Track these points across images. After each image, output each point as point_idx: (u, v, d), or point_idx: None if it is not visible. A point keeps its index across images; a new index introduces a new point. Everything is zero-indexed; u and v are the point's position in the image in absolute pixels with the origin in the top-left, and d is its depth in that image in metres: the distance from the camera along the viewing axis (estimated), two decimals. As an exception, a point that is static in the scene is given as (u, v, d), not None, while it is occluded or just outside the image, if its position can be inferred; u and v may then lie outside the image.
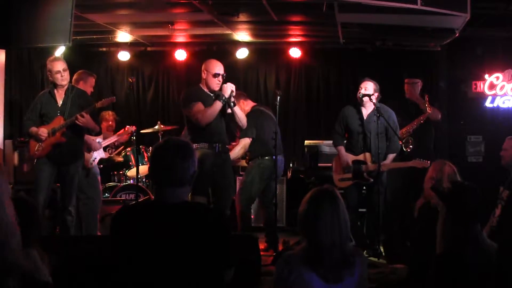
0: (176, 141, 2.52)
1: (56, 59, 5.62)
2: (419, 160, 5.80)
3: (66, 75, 5.54)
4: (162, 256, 2.32)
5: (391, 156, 5.97)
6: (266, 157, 6.12)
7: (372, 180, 5.84)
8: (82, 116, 5.38)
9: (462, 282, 2.69)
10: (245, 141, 6.25)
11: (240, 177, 7.21)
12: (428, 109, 6.52)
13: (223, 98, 5.35)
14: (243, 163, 6.85)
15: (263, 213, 6.57)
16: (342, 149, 6.02)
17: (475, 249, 2.72)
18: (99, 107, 5.75)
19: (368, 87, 5.86)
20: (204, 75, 5.55)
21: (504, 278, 2.43)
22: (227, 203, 5.67)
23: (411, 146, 6.26)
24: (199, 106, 5.41)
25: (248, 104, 6.47)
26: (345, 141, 6.13)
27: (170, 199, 2.43)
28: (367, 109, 5.95)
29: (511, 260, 2.40)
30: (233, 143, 6.52)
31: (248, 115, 6.28)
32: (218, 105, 5.36)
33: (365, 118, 5.95)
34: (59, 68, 5.47)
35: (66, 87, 5.55)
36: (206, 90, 5.56)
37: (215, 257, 2.36)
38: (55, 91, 5.56)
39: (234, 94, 5.45)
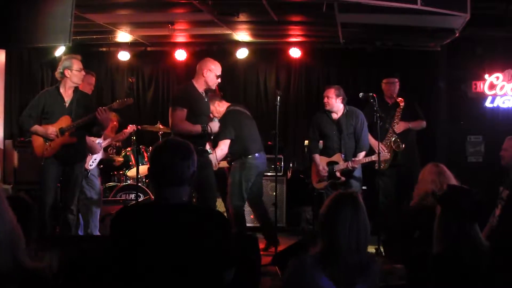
0: (175, 141, 2.53)
1: (75, 57, 5.59)
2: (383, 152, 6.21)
3: (83, 72, 5.60)
4: (162, 256, 2.32)
5: (361, 154, 6.25)
6: (249, 156, 6.15)
7: (344, 178, 6.19)
8: (104, 111, 5.40)
9: (460, 282, 2.69)
10: (225, 143, 6.24)
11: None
12: (399, 102, 6.75)
13: (207, 131, 5.45)
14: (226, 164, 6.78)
15: (253, 212, 6.57)
16: (316, 157, 6.38)
17: (471, 249, 2.73)
18: (114, 108, 5.75)
19: (330, 95, 6.27)
20: (204, 73, 5.54)
21: (496, 277, 2.43)
22: (213, 202, 5.78)
23: (403, 146, 6.42)
24: (183, 114, 5.43)
25: (223, 105, 6.40)
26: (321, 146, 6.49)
27: (170, 199, 2.43)
28: (337, 113, 6.32)
29: (506, 259, 2.40)
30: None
31: (224, 116, 6.29)
32: (197, 130, 5.41)
33: (335, 121, 6.32)
34: (81, 66, 5.51)
35: (74, 87, 5.56)
36: (199, 88, 5.58)
37: (215, 257, 2.36)
38: (62, 90, 5.54)
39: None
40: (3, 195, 1.75)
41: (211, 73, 5.55)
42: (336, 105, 6.28)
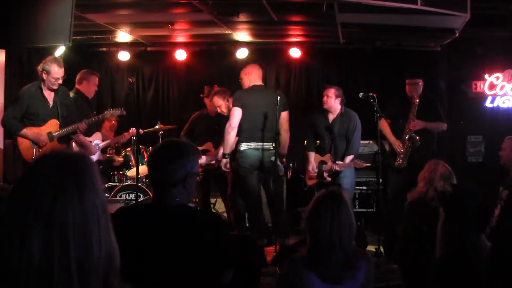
0: (170, 142, 2.53)
1: (58, 64, 5.46)
2: (359, 161, 6.25)
3: (61, 81, 5.50)
4: (158, 257, 2.31)
5: (348, 158, 6.27)
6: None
7: (330, 179, 6.23)
8: (77, 138, 5.41)
9: (463, 284, 2.68)
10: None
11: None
12: (414, 100, 6.61)
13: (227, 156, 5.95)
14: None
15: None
16: (311, 155, 6.49)
17: (475, 251, 2.71)
18: (106, 117, 5.77)
19: (329, 94, 6.33)
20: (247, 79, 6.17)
21: (496, 277, 2.42)
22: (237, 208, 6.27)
23: (417, 138, 6.34)
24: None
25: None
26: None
27: (165, 200, 2.41)
28: (333, 114, 6.36)
29: (505, 259, 2.39)
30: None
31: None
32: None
33: (330, 122, 6.38)
34: (58, 75, 5.40)
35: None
36: None
37: (212, 259, 2.34)
38: (44, 89, 5.46)
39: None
40: (108, 216, 1.47)
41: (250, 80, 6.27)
42: (334, 105, 6.31)
